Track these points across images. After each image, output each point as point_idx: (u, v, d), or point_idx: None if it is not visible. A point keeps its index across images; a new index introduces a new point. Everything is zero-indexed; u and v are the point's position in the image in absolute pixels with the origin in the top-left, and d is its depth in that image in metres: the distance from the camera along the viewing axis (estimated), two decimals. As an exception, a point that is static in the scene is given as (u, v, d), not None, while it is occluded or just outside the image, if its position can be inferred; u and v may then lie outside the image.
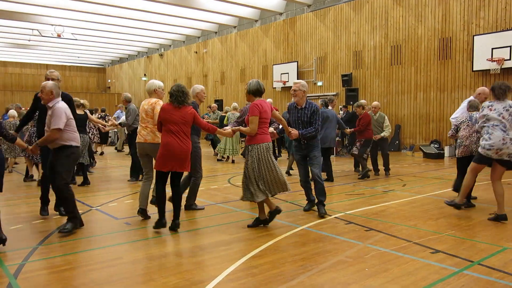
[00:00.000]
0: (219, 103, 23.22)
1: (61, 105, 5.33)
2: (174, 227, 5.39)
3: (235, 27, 24.73)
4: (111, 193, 8.36)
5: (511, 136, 5.66)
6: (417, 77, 16.34)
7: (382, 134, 10.14)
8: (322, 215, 6.09)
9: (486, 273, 3.90)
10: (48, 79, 5.95)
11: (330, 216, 6.14)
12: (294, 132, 5.95)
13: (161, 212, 5.42)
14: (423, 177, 10.07)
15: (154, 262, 4.31)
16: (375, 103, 10.59)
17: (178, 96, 5.23)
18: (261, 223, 5.61)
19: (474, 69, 14.53)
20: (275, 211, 5.58)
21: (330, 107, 9.94)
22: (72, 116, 5.44)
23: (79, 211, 5.95)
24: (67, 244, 4.98)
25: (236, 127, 5.62)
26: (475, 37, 14.41)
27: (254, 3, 20.43)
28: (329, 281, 3.77)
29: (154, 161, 5.71)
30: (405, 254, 4.42)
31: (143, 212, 6.00)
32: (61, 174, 5.30)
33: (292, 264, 4.19)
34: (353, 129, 10.19)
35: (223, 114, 14.91)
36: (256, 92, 5.50)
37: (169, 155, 5.23)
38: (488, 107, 5.88)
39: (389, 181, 9.52)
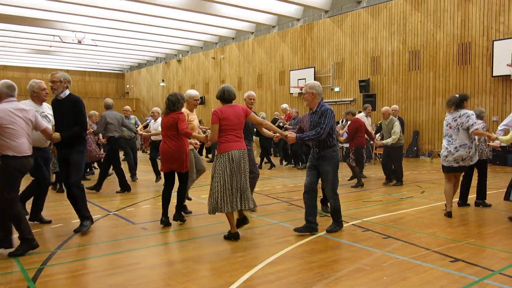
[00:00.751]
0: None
1: None
2: (175, 219, 6.01)
3: (252, 33, 24.82)
4: (128, 198, 8.44)
5: (455, 144, 6.32)
6: (435, 82, 16.16)
7: (384, 141, 9.51)
8: (328, 230, 5.55)
9: (507, 283, 3.82)
10: (52, 82, 5.66)
11: (347, 223, 6.10)
12: (291, 135, 5.45)
13: (164, 210, 5.96)
14: (442, 184, 9.88)
15: (171, 268, 4.33)
16: (383, 108, 9.92)
17: (165, 104, 5.85)
18: (231, 237, 5.25)
19: (494, 75, 14.32)
20: (232, 235, 5.24)
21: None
22: (9, 124, 4.58)
23: (99, 215, 6.02)
24: (85, 248, 5.04)
25: (206, 134, 5.65)
26: (495, 42, 14.20)
27: (271, 9, 20.48)
28: (346, 289, 3.74)
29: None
30: (424, 263, 4.36)
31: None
32: None
33: (309, 271, 4.17)
34: (344, 138, 9.97)
35: None
36: (220, 98, 5.24)
37: (161, 158, 5.92)
38: (445, 119, 6.56)
39: (407, 188, 9.40)
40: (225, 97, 5.18)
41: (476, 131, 6.21)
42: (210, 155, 15.73)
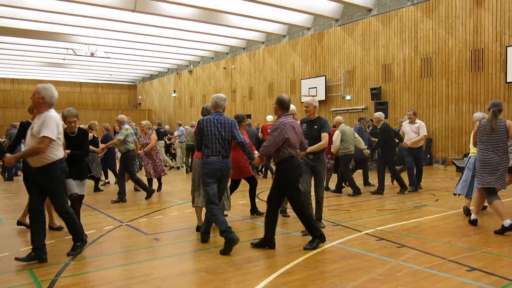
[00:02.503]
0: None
1: None
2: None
3: (263, 42, 24.92)
4: (141, 208, 8.46)
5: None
6: (448, 89, 16.03)
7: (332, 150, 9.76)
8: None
9: (526, 293, 3.74)
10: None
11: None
12: None
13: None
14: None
15: (184, 278, 4.31)
16: (335, 118, 10.32)
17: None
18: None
19: (508, 81, 14.16)
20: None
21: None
22: None
23: (111, 226, 6.02)
24: (98, 260, 5.05)
25: None
26: (508, 48, 14.06)
27: (282, 18, 20.57)
28: (360, 299, 3.69)
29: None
30: (439, 272, 4.29)
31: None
32: None
33: (322, 281, 4.12)
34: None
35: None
36: None
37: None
38: None
39: (421, 196, 9.30)
40: (202, 113, 6.18)
41: None
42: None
